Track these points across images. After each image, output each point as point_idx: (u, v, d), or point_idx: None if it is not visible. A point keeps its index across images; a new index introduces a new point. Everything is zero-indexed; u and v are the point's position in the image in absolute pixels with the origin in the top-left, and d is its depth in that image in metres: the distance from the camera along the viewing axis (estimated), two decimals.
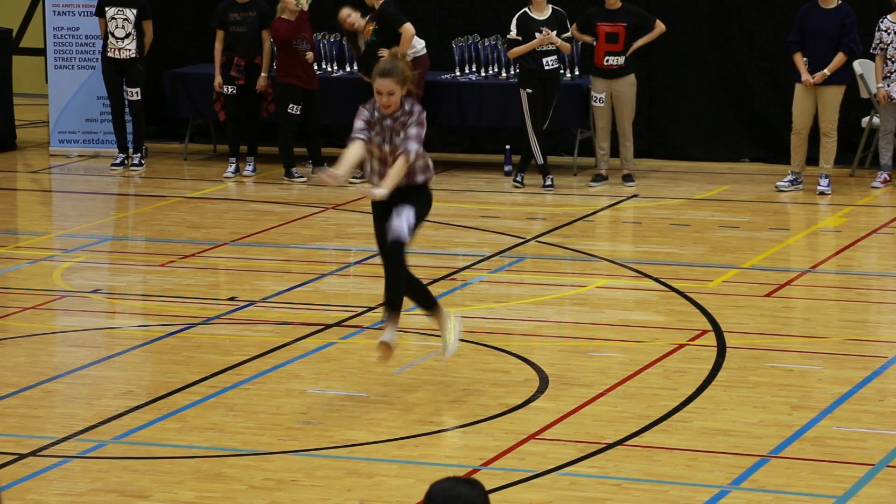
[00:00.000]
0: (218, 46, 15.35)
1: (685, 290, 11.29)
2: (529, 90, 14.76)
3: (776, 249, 12.68)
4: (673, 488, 7.69)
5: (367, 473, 7.89)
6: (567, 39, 14.87)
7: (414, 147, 8.48)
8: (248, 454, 8.17)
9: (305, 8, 14.93)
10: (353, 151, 8.58)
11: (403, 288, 8.73)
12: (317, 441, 8.33)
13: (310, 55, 14.96)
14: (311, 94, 15.22)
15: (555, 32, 14.73)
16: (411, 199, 8.61)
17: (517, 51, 14.86)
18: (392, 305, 8.75)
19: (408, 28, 14.75)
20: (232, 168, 15.48)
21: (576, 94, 15.49)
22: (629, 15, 14.98)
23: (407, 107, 8.52)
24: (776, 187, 14.64)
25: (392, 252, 8.65)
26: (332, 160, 15.97)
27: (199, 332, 10.34)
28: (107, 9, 15.57)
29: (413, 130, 8.48)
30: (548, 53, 14.76)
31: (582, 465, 7.98)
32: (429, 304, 8.97)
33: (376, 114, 8.56)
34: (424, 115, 8.58)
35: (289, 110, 15.07)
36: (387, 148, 8.53)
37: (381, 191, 8.47)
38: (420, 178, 8.65)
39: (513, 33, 14.87)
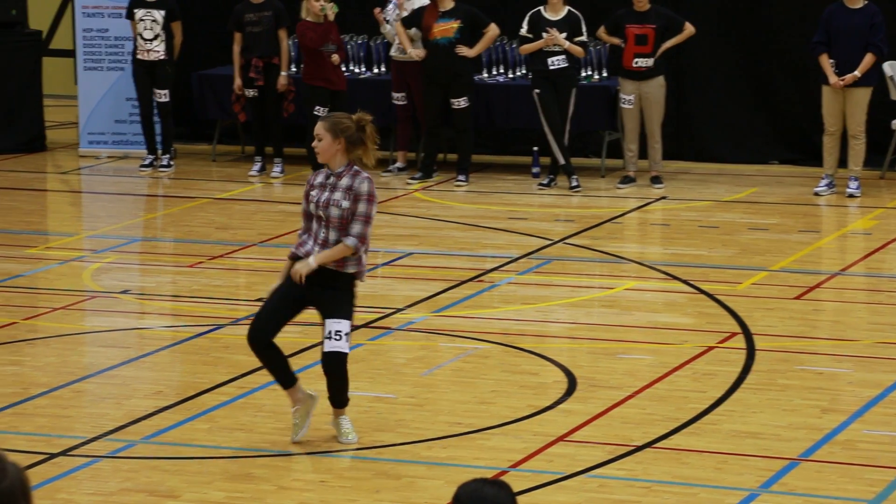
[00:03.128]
0: (236, 49, 15.38)
1: (714, 293, 11.27)
2: (538, 90, 14.80)
3: (806, 252, 12.64)
4: (702, 491, 7.68)
5: (396, 475, 7.90)
6: (581, 44, 14.84)
7: (353, 240, 7.99)
8: (277, 455, 8.19)
9: (331, 18, 14.95)
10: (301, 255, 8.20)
11: (348, 389, 8.29)
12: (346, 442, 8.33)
13: (335, 57, 14.97)
14: (339, 95, 15.24)
15: (564, 35, 14.73)
16: (343, 307, 8.08)
17: (525, 48, 14.93)
18: (339, 406, 8.31)
19: (494, 28, 14.86)
20: (257, 167, 15.50)
21: (604, 95, 15.48)
22: (658, 17, 14.96)
23: (350, 178, 8.03)
24: (815, 193, 14.55)
25: (337, 370, 8.13)
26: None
27: (228, 332, 10.36)
28: (136, 11, 15.62)
29: (358, 224, 8.01)
30: (554, 53, 14.77)
31: (611, 467, 7.97)
32: (288, 381, 8.33)
33: (321, 178, 8.10)
34: (370, 193, 8.01)
35: (315, 112, 15.09)
36: (322, 213, 8.04)
37: (309, 265, 7.99)
38: (351, 269, 8.11)
39: (524, 30, 14.93)
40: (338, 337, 8.09)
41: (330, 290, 8.12)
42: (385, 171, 15.48)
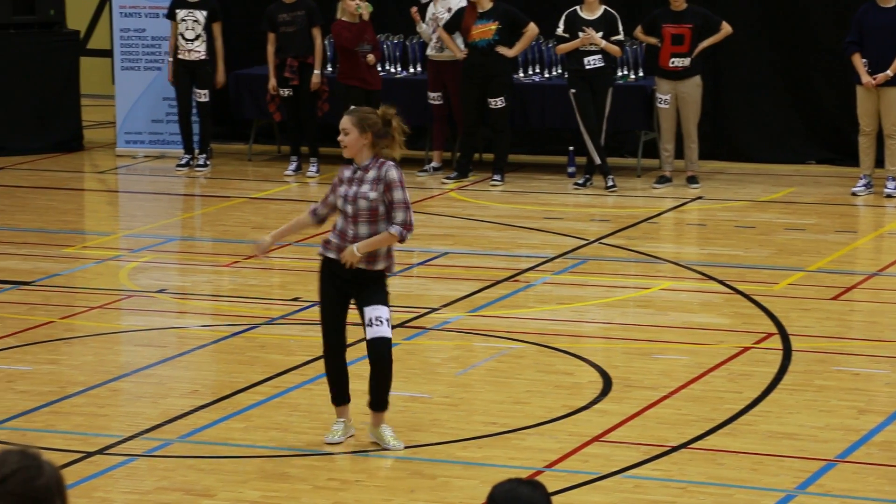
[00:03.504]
0: (270, 49, 15.42)
1: (750, 293, 11.23)
2: (573, 90, 14.80)
3: (842, 252, 12.58)
4: (738, 492, 7.65)
5: (431, 474, 7.90)
6: (617, 43, 14.83)
7: (398, 228, 8.00)
8: (313, 454, 8.20)
9: (366, 17, 14.97)
10: (297, 220, 8.36)
11: (390, 388, 8.29)
12: None
13: (371, 57, 14.98)
14: (374, 94, 15.25)
15: (600, 34, 14.71)
16: (378, 294, 8.09)
17: (562, 48, 14.94)
18: (382, 407, 8.29)
19: (533, 27, 14.88)
20: (293, 167, 15.53)
21: (640, 95, 15.44)
22: (695, 16, 14.92)
23: (377, 169, 8.05)
24: (853, 193, 14.48)
25: (384, 354, 8.14)
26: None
27: (264, 332, 10.38)
28: (177, 11, 15.67)
29: (399, 211, 8.01)
30: (590, 53, 14.76)
31: (646, 467, 7.96)
32: (345, 399, 8.36)
33: (349, 172, 8.13)
34: (399, 179, 8.02)
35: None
36: (349, 209, 8.07)
37: (354, 253, 8.00)
38: (381, 265, 8.12)
39: (560, 30, 14.93)
40: (378, 322, 8.10)
41: (363, 285, 8.14)
42: (420, 171, 15.48)
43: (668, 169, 15.13)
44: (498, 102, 15.06)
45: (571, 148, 15.43)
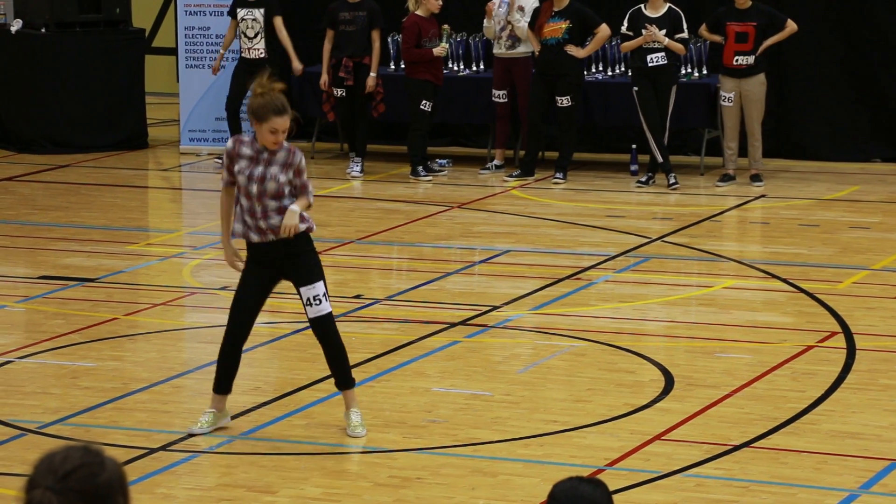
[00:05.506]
0: (327, 45, 15.45)
1: (814, 292, 11.15)
2: (636, 88, 14.75)
3: None
4: (801, 491, 7.60)
5: (492, 472, 7.89)
6: (681, 40, 14.76)
7: (311, 195, 8.18)
8: (374, 451, 8.21)
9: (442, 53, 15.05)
10: (224, 206, 8.29)
11: (348, 362, 8.36)
12: (441, 439, 8.35)
13: (440, 49, 14.97)
14: (438, 90, 15.28)
15: (664, 31, 14.65)
16: (312, 269, 8.17)
17: (625, 46, 14.91)
18: (347, 384, 8.35)
19: (605, 28, 14.87)
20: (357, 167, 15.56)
21: (704, 93, 15.37)
22: (759, 14, 14.84)
23: (286, 150, 8.21)
24: None
25: (329, 329, 8.23)
26: (457, 159, 15.98)
27: None
28: (238, 10, 15.75)
29: (306, 178, 8.21)
30: (653, 50, 14.70)
31: (708, 466, 7.92)
32: (226, 389, 8.43)
33: (251, 150, 8.17)
34: (305, 166, 8.26)
35: (421, 107, 15.12)
36: (254, 188, 8.09)
37: (294, 216, 8.06)
38: (303, 226, 8.17)
39: (624, 28, 14.90)
40: (316, 301, 8.22)
41: (297, 257, 8.20)
42: (483, 169, 15.47)
43: (732, 167, 15.05)
44: (565, 101, 15.03)
45: (634, 146, 15.38)
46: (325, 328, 8.29)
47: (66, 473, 3.37)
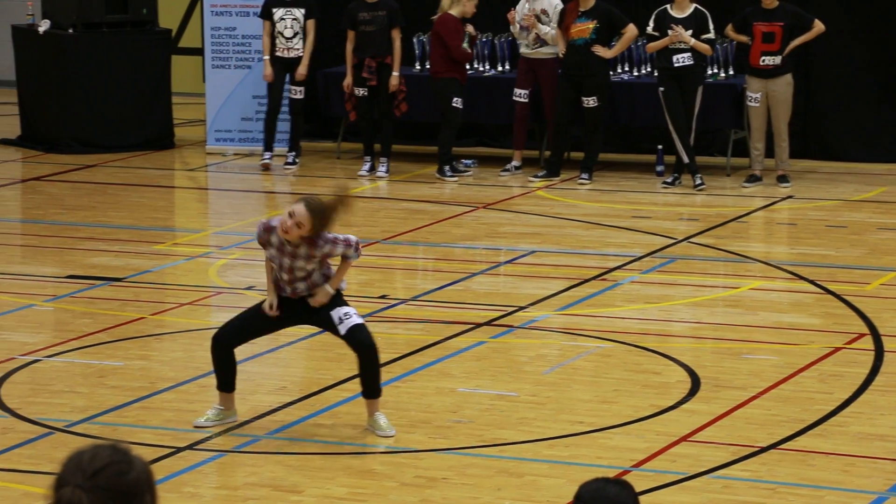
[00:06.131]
0: (349, 47, 15.45)
1: (841, 293, 11.11)
2: (662, 88, 14.73)
3: None
4: (829, 494, 7.57)
5: (518, 472, 7.89)
6: (707, 41, 14.72)
7: (354, 254, 8.21)
8: (399, 451, 8.21)
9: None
10: (271, 276, 8.34)
11: (380, 373, 8.42)
12: (467, 440, 8.35)
13: (466, 50, 15.01)
14: (463, 88, 15.30)
15: (690, 32, 14.62)
16: (335, 300, 8.27)
17: (651, 46, 14.88)
18: (374, 395, 8.42)
19: (632, 28, 14.85)
20: (366, 167, 15.56)
21: (730, 93, 15.34)
22: (786, 14, 14.80)
23: (307, 244, 8.11)
24: None
25: (364, 340, 8.25)
26: (482, 159, 15.97)
27: None
28: (274, 10, 15.74)
29: (341, 246, 8.16)
30: (679, 51, 14.67)
31: (735, 468, 7.90)
32: (230, 387, 8.54)
33: (277, 240, 8.17)
34: (331, 241, 8.12)
35: (453, 104, 15.12)
36: (285, 276, 8.21)
37: (328, 293, 8.20)
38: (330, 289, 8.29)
39: (649, 28, 14.87)
40: (347, 317, 8.27)
41: (315, 309, 8.31)
42: (502, 171, 15.46)
43: (758, 168, 15.01)
44: (591, 102, 15.01)
45: (660, 146, 15.35)
46: (360, 338, 8.28)
47: (94, 472, 3.38)
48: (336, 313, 8.26)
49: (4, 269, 12.09)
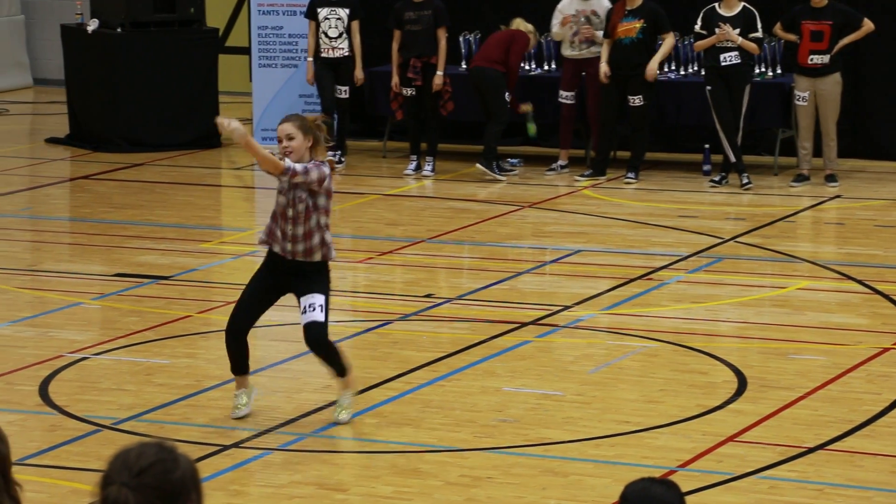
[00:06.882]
0: (395, 46, 15.46)
1: (890, 293, 11.03)
2: (710, 87, 14.67)
3: None
4: (877, 495, 7.52)
5: (563, 472, 7.87)
6: (755, 39, 14.65)
7: (295, 166, 8.24)
8: (445, 450, 8.21)
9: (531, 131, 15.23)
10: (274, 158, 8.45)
11: (341, 357, 8.55)
12: (512, 439, 8.34)
13: (526, 107, 15.20)
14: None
15: (738, 31, 14.56)
16: (316, 284, 8.36)
17: (699, 45, 14.83)
18: (342, 374, 8.56)
19: (671, 38, 14.92)
20: (412, 166, 15.57)
21: (778, 92, 15.26)
22: (835, 13, 14.71)
23: (312, 164, 8.33)
24: None
25: (317, 339, 8.38)
26: (527, 158, 15.95)
27: (397, 328, 10.42)
28: (319, 10, 15.78)
29: (310, 169, 8.26)
30: (727, 49, 14.61)
31: (782, 468, 7.86)
32: (244, 369, 8.68)
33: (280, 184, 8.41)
34: (326, 172, 8.31)
35: (506, 98, 15.14)
36: (290, 212, 8.36)
37: (236, 128, 8.22)
38: (318, 256, 8.37)
39: (697, 27, 14.82)
40: (311, 308, 8.38)
41: (306, 275, 8.42)
42: (548, 170, 15.43)
43: (806, 167, 14.93)
44: (636, 101, 14.96)
45: (707, 145, 15.29)
46: (315, 336, 8.42)
47: (141, 470, 3.40)
48: (306, 300, 8.40)
49: (53, 266, 12.16)
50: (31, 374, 9.44)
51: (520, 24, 15.28)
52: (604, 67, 14.89)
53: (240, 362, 8.68)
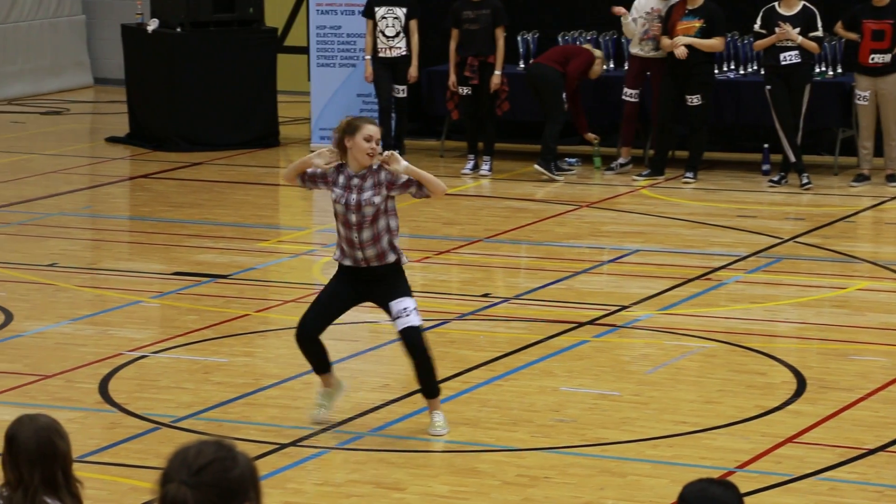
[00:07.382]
0: (452, 45, 15.46)
1: None
2: (769, 87, 14.58)
3: None
4: None
5: (620, 472, 7.85)
6: (815, 39, 14.55)
7: (415, 188, 8.29)
8: (501, 450, 8.21)
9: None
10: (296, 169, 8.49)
11: (435, 372, 8.42)
12: (569, 439, 8.33)
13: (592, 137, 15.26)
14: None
15: (798, 30, 14.46)
16: (399, 288, 8.31)
17: (759, 44, 14.75)
18: (431, 394, 8.44)
19: (721, 43, 14.79)
20: (469, 165, 15.57)
21: (838, 92, 15.15)
22: None
23: (372, 175, 8.30)
24: None
25: (416, 342, 8.29)
26: (585, 158, 15.92)
27: (454, 327, 10.43)
28: (376, 9, 15.80)
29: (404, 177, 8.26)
30: (787, 49, 14.51)
31: (841, 470, 7.80)
32: (325, 368, 8.64)
33: (344, 179, 8.32)
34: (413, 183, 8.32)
35: (563, 96, 15.14)
36: (353, 218, 8.28)
37: (401, 163, 8.26)
38: (391, 258, 8.31)
39: (757, 26, 14.73)
40: (406, 313, 8.28)
41: (384, 280, 8.31)
42: (608, 169, 15.40)
43: (867, 167, 14.82)
44: (694, 100, 14.90)
45: (766, 145, 15.21)
46: (414, 341, 8.32)
47: (199, 468, 3.41)
48: (396, 305, 8.30)
49: (112, 265, 12.25)
50: (91, 371, 9.51)
51: (590, 47, 15.38)
52: (678, 42, 14.75)
53: (319, 362, 8.62)
